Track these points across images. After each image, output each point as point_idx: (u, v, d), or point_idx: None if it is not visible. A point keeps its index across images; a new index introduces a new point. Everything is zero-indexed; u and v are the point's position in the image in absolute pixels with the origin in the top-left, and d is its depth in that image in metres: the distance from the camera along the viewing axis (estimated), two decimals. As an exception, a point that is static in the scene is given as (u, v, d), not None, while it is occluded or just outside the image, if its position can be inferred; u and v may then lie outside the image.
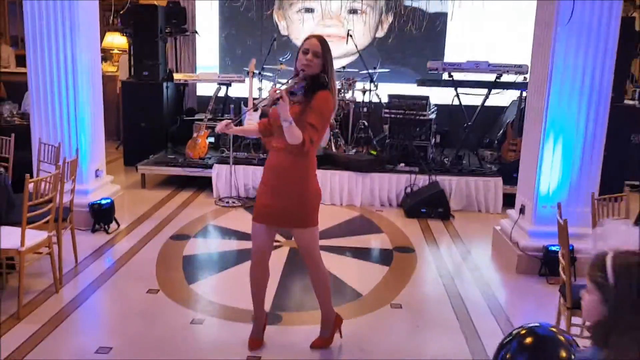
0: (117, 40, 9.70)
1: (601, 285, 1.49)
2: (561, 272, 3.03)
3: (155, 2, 8.27)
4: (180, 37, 8.81)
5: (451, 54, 8.36)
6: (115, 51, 10.04)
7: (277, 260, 4.60)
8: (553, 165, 4.34)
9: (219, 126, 3.09)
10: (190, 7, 8.78)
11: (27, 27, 5.05)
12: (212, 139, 7.25)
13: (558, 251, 3.90)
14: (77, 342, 3.36)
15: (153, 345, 3.31)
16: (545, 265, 4.36)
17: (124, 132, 8.03)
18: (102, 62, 9.97)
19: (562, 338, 1.75)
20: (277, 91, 2.76)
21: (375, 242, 5.36)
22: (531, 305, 4.14)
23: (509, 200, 6.02)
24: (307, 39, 2.99)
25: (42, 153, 4.83)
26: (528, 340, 1.75)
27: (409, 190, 6.24)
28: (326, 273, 3.26)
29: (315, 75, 2.92)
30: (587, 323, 1.56)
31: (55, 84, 5.07)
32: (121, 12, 7.92)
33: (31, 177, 4.66)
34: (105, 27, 10.94)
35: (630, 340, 1.45)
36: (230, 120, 3.12)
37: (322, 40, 2.97)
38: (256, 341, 3.32)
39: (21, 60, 8.02)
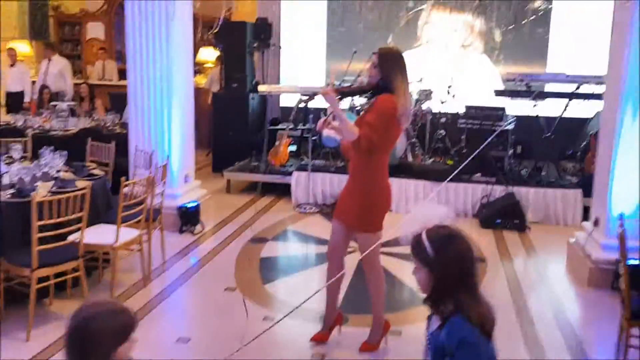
0: (210, 55, 10.31)
1: (425, 260, 1.83)
2: (621, 283, 3.01)
3: (245, 20, 8.76)
4: (266, 50, 9.25)
5: (554, 66, 8.19)
6: (209, 65, 10.66)
7: (350, 264, 4.78)
8: (627, 177, 4.24)
9: (319, 125, 3.26)
10: (277, 23, 9.20)
11: (128, 44, 5.60)
12: (293, 147, 7.57)
13: (632, 265, 3.85)
14: (160, 332, 3.72)
15: (227, 339, 3.60)
16: (618, 279, 4.26)
17: (213, 141, 8.54)
18: (195, 75, 10.70)
19: None
20: (326, 92, 3.04)
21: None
22: (599, 319, 4.07)
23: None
24: (373, 53, 3.26)
25: (137, 159, 5.32)
26: None
27: (485, 200, 6.24)
28: (383, 279, 3.41)
29: (377, 83, 3.16)
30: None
31: (152, 96, 5.56)
32: (214, 30, 8.47)
33: (127, 180, 5.19)
34: (200, 42, 11.69)
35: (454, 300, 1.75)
36: (325, 118, 3.26)
37: (381, 53, 3.21)
38: (321, 335, 3.51)
39: (124, 74, 8.76)
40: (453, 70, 7.72)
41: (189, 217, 5.56)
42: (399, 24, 8.70)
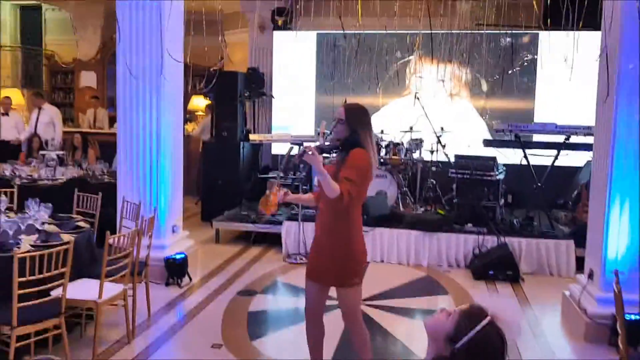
0: (202, 103, 10.37)
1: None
2: (619, 343, 2.93)
3: (237, 69, 8.85)
4: (258, 99, 9.32)
5: (541, 117, 8.31)
6: (200, 113, 10.71)
7: (339, 319, 4.66)
8: (620, 230, 4.21)
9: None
10: (268, 72, 9.31)
11: (118, 93, 5.59)
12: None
13: (630, 320, 3.77)
14: (144, 392, 3.56)
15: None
16: (615, 334, 4.16)
17: (202, 189, 8.49)
18: (187, 122, 10.74)
19: None
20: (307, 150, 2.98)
21: (441, 304, 5.32)
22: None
23: (583, 264, 5.84)
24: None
25: (125, 210, 5.24)
26: None
27: (477, 251, 6.18)
28: (367, 333, 3.32)
29: (346, 137, 3.15)
30: None
31: (141, 145, 5.53)
32: (206, 80, 8.57)
33: (114, 232, 5.09)
34: (192, 91, 11.79)
35: None
36: (285, 191, 3.27)
37: (347, 109, 3.22)
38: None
39: (115, 122, 8.77)
40: (441, 119, 7.76)
41: (175, 270, 5.44)
42: (387, 73, 8.81)
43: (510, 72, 8.43)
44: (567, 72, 6.24)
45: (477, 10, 8.26)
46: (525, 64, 8.43)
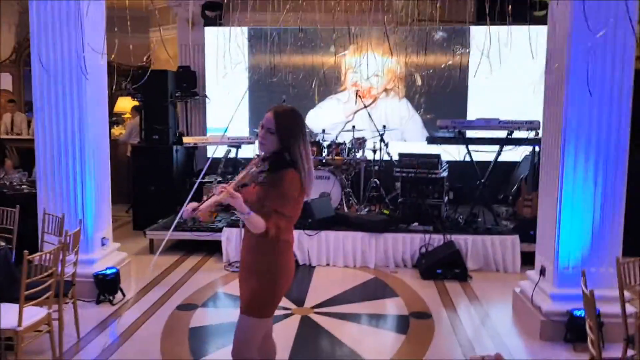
0: (129, 105, 9.80)
1: None
2: (590, 346, 2.81)
3: (167, 68, 8.38)
4: (190, 100, 8.88)
5: (474, 111, 8.31)
6: (127, 115, 10.13)
7: (289, 329, 4.41)
8: (573, 225, 4.15)
9: (185, 212, 2.65)
10: (201, 70, 8.88)
11: (35, 94, 5.08)
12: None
13: (583, 317, 3.68)
14: None
15: None
16: (570, 331, 4.11)
17: (134, 197, 7.98)
18: (113, 126, 10.13)
19: None
20: (222, 191, 2.46)
21: (391, 307, 5.14)
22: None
23: (527, 259, 5.83)
24: (268, 111, 2.69)
25: (47, 224, 4.75)
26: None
27: (423, 250, 6.05)
28: None
29: (277, 151, 2.64)
30: None
31: (62, 151, 5.05)
32: (132, 79, 8.05)
33: (36, 249, 4.60)
34: (118, 91, 11.15)
35: None
36: (197, 204, 2.62)
37: (278, 114, 2.64)
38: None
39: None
40: (377, 114, 7.62)
41: (107, 286, 4.99)
42: (323, 69, 8.59)
43: (443, 66, 8.40)
44: (498, 67, 6.32)
45: (413, 6, 8.18)
46: (457, 56, 8.41)
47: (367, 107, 7.24)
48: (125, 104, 10.02)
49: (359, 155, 7.06)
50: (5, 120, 10.18)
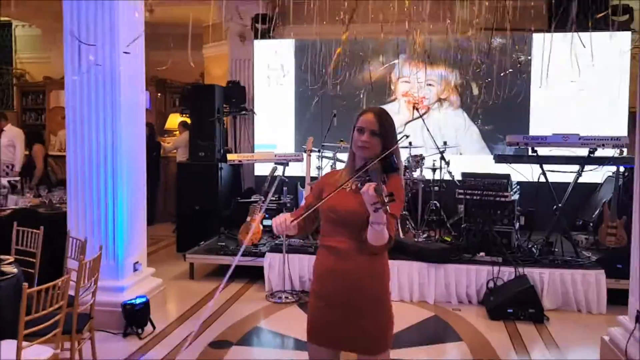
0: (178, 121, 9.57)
1: None
2: None
3: (216, 83, 8.05)
4: (239, 116, 8.49)
5: (536, 127, 7.52)
6: (176, 132, 9.89)
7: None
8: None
9: (277, 227, 2.32)
10: (250, 85, 8.47)
11: (67, 110, 4.77)
12: (269, 222, 6.64)
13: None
14: None
15: None
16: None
17: (178, 216, 7.61)
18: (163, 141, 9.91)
19: None
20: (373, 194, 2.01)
21: (453, 353, 4.44)
22: None
23: (613, 297, 5.01)
24: (361, 113, 2.39)
25: (71, 248, 4.35)
26: None
27: (491, 285, 5.31)
28: None
29: (378, 157, 2.29)
30: None
31: (94, 170, 4.70)
32: (182, 96, 7.75)
33: (62, 274, 4.21)
34: (172, 108, 11.01)
35: None
36: (289, 214, 2.33)
37: (379, 114, 2.36)
38: None
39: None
40: (432, 126, 6.90)
41: (135, 317, 4.53)
42: (372, 80, 7.96)
43: (502, 74, 7.61)
44: (565, 76, 5.55)
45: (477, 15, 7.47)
46: (519, 65, 7.60)
47: (422, 117, 6.55)
48: (176, 120, 9.77)
49: (416, 174, 6.40)
50: (60, 137, 10.15)
